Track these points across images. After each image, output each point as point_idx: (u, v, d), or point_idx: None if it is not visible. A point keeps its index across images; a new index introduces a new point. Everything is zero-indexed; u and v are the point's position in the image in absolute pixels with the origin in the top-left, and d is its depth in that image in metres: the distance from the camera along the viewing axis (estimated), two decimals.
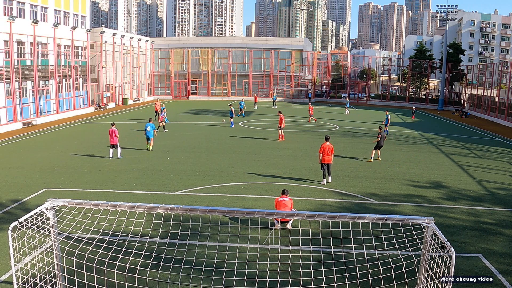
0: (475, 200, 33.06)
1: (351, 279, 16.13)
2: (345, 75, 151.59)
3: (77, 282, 14.21)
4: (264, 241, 22.05)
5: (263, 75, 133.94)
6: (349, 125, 76.95)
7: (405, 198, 32.52)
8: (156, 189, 33.06)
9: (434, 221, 13.21)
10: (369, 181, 37.26)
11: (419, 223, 13.20)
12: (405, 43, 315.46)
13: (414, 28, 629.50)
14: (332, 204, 30.52)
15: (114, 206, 13.27)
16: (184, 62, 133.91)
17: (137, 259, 16.37)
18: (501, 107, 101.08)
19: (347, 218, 13.05)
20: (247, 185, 34.61)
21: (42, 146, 51.11)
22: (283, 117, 57.62)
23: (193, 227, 18.72)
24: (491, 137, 71.21)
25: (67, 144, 52.50)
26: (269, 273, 17.21)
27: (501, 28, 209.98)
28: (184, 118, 72.50)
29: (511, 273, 20.47)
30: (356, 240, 16.03)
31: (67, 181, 34.77)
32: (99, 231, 16.16)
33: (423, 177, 39.49)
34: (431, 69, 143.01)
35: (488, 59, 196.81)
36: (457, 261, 12.55)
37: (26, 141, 54.84)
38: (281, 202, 24.59)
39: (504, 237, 25.32)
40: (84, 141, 54.67)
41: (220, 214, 13.92)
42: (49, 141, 54.79)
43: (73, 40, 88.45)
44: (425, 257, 13.37)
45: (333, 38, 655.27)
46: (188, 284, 17.42)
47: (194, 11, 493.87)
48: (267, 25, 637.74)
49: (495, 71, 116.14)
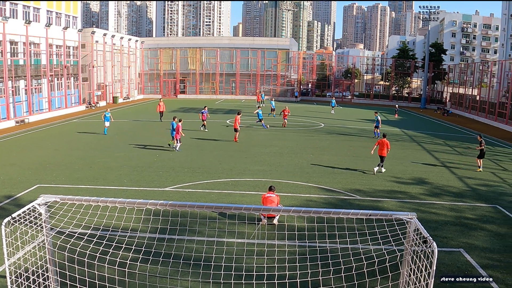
0: (456, 196, 33.15)
1: (335, 273, 16.11)
2: (330, 74, 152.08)
3: (69, 276, 14.16)
4: (251, 236, 22.02)
5: (250, 74, 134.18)
6: (334, 123, 77.06)
7: (388, 194, 32.59)
8: (146, 185, 32.97)
9: (417, 216, 13.19)
10: (353, 177, 37.33)
11: (402, 219, 13.18)
12: (388, 43, 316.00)
13: (397, 28, 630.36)
14: (318, 200, 30.54)
15: (105, 202, 13.22)
16: (173, 61, 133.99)
17: (127, 253, 16.47)
18: (482, 106, 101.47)
19: (332, 214, 13.02)
20: (234, 182, 34.58)
21: (34, 144, 50.96)
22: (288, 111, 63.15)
23: (182, 223, 18.65)
24: (472, 135, 71.27)
25: (58, 142, 52.39)
26: (256, 267, 17.20)
27: (482, 28, 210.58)
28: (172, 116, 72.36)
29: (492, 267, 20.54)
30: (341, 235, 15.99)
31: (59, 177, 34.65)
32: (90, 226, 16.08)
33: (406, 173, 39.62)
34: (413, 68, 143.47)
35: (469, 59, 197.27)
36: (439, 256, 12.59)
37: (19, 139, 54.64)
38: (267, 198, 24.58)
39: (485, 232, 25.40)
40: (76, 139, 54.53)
41: (208, 209, 13.95)
42: (41, 139, 54.62)
43: (64, 40, 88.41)
44: (408, 251, 13.36)
45: (318, 38, 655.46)
46: (177, 278, 17.38)
47: (182, 12, 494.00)
48: (254, 26, 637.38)
49: (476, 70, 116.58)
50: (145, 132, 59.98)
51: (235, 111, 66.13)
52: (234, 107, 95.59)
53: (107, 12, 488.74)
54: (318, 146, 52.12)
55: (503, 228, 26.28)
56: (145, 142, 51.20)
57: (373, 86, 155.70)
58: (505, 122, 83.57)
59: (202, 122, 60.84)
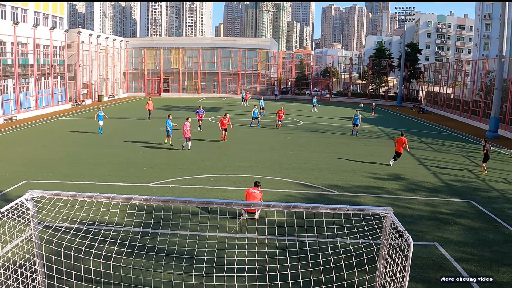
0: (431, 191, 33.32)
1: (314, 266, 16.14)
2: (308, 73, 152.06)
3: (55, 269, 14.09)
4: (232, 230, 22.03)
5: (231, 73, 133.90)
6: (313, 120, 77.07)
7: (365, 190, 32.67)
8: (131, 181, 32.92)
9: (393, 211, 13.20)
10: (331, 173, 37.36)
11: (379, 213, 13.20)
12: (365, 43, 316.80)
13: (374, 29, 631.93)
14: (297, 195, 30.61)
15: (91, 197, 13.17)
16: (156, 61, 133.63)
17: (112, 247, 16.30)
18: (456, 104, 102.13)
19: (310, 209, 13.02)
20: (216, 177, 34.56)
21: (22, 141, 50.63)
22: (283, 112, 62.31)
23: (165, 217, 18.67)
24: (446, 132, 71.72)
25: (46, 139, 52.06)
26: (237, 260, 17.19)
27: (456, 29, 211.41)
28: (157, 114, 72.23)
29: (465, 261, 20.67)
30: (319, 229, 16.03)
31: (46, 173, 34.52)
32: (76, 220, 16.03)
33: (382, 169, 39.74)
34: (390, 67, 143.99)
35: (444, 58, 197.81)
36: (415, 249, 12.61)
37: (6, 136, 54.22)
38: (251, 193, 24.52)
39: (459, 226, 25.56)
40: (62, 136, 54.27)
41: (190, 204, 14.01)
42: (29, 136, 54.27)
43: (51, 40, 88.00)
44: (385, 245, 13.36)
45: (298, 38, 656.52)
46: (160, 270, 17.43)
47: (166, 13, 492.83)
48: (235, 26, 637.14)
49: (450, 70, 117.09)
50: (130, 129, 59.74)
51: (217, 109, 66.46)
52: (216, 105, 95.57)
53: (93, 13, 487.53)
54: (297, 143, 52.14)
55: (477, 222, 26.46)
56: (130, 139, 51.06)
57: (350, 85, 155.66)
58: (479, 120, 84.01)
59: (198, 123, 59.43)
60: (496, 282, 18.73)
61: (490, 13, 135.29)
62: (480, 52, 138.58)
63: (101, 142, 49.44)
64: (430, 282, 18.47)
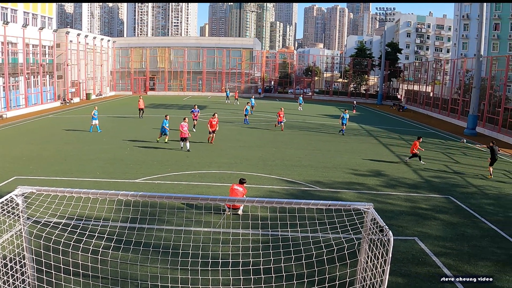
0: (411, 187, 33.49)
1: (297, 260, 16.14)
2: (291, 72, 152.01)
3: (44, 263, 14.11)
4: (217, 225, 22.02)
5: (216, 72, 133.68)
6: (295, 118, 76.99)
7: (347, 186, 32.76)
8: (118, 177, 32.87)
9: (374, 206, 13.28)
10: (313, 170, 37.44)
11: (360, 209, 13.27)
12: (346, 43, 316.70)
13: (355, 28, 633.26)
14: (280, 191, 30.63)
15: (79, 193, 13.17)
16: (143, 60, 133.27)
17: (99, 241, 16.38)
18: (435, 102, 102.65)
19: (293, 204, 13.06)
20: (201, 174, 34.52)
21: (12, 138, 50.38)
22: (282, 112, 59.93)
23: (152, 212, 18.67)
24: (426, 129, 71.96)
25: (35, 136, 51.78)
26: (222, 254, 17.27)
27: (435, 29, 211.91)
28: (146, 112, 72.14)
29: (444, 255, 20.79)
30: (302, 224, 16.14)
31: (35, 170, 34.38)
32: (64, 216, 16.06)
33: (363, 166, 39.85)
34: (370, 66, 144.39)
35: (423, 57, 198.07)
36: (395, 244, 12.66)
37: None
38: (234, 190, 24.46)
39: (438, 221, 25.69)
40: (51, 133, 53.90)
41: (176, 200, 13.92)
42: (18, 133, 53.99)
43: (40, 39, 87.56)
44: (365, 240, 13.42)
45: (281, 38, 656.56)
46: (147, 264, 17.45)
47: (152, 13, 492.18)
48: (219, 26, 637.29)
49: (429, 69, 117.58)
50: (118, 127, 59.44)
51: (202, 107, 66.17)
52: (201, 104, 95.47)
53: (81, 13, 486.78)
54: (280, 140, 52.12)
55: (455, 217, 26.61)
56: (118, 136, 50.96)
57: (332, 83, 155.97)
58: (457, 117, 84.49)
59: (193, 122, 58.04)
60: (475, 276, 18.85)
61: (469, 14, 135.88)
62: (459, 51, 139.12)
63: (90, 139, 49.19)
64: (410, 276, 18.58)
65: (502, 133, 65.12)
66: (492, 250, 21.86)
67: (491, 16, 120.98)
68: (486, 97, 74.37)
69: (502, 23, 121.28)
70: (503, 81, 73.30)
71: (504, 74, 74.11)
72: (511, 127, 64.73)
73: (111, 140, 49.05)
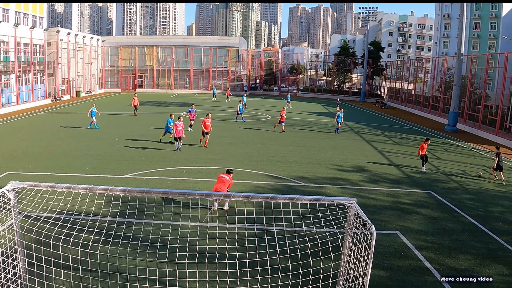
0: (393, 182, 33.60)
1: (282, 254, 16.19)
2: (276, 70, 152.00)
3: (35, 256, 14.13)
4: (204, 220, 22.05)
5: (203, 70, 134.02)
6: None
7: (330, 181, 32.84)
8: (107, 173, 32.79)
9: (357, 201, 13.32)
10: (298, 165, 37.52)
11: (343, 203, 13.30)
12: (330, 42, 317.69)
13: (338, 28, 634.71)
14: (265, 186, 30.69)
15: (69, 188, 13.20)
16: (131, 58, 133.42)
17: (89, 235, 16.50)
18: (417, 99, 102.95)
19: (278, 199, 13.08)
20: (188, 169, 34.55)
21: (3, 134, 50.10)
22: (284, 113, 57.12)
23: (140, 207, 18.67)
24: (407, 126, 72.19)
25: (26, 133, 51.54)
26: (208, 248, 17.34)
27: (417, 28, 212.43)
28: (131, 109, 71.91)
29: (425, 248, 20.89)
30: (287, 218, 16.12)
31: (26, 165, 34.26)
32: (55, 210, 16.00)
33: (347, 162, 39.93)
34: (354, 64, 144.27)
35: (405, 56, 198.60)
36: (377, 238, 12.67)
37: None
38: (221, 177, 24.37)
39: (420, 216, 25.80)
40: (42, 130, 53.71)
41: (164, 195, 13.96)
42: (10, 130, 53.77)
43: (31, 38, 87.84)
44: (349, 234, 13.48)
45: (266, 37, 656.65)
46: (135, 258, 17.47)
47: (140, 12, 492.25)
48: (206, 25, 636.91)
49: (411, 67, 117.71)
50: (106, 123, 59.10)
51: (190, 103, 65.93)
52: (189, 101, 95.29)
53: (71, 13, 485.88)
54: (265, 137, 52.16)
55: (436, 212, 26.74)
56: (107, 133, 50.83)
57: (316, 81, 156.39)
58: (438, 114, 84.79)
59: (189, 122, 55.63)
60: (456, 269, 18.99)
61: (449, 13, 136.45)
62: (440, 50, 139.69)
63: (80, 136, 49.03)
64: (392, 269, 18.69)
65: (482, 130, 65.52)
66: (472, 244, 21.99)
67: (471, 16, 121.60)
68: (466, 95, 74.67)
69: (482, 22, 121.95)
70: (483, 79, 73.63)
71: (484, 72, 74.54)
72: (490, 124, 65.17)
73: (100, 137, 48.82)
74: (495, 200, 30.53)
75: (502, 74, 65.28)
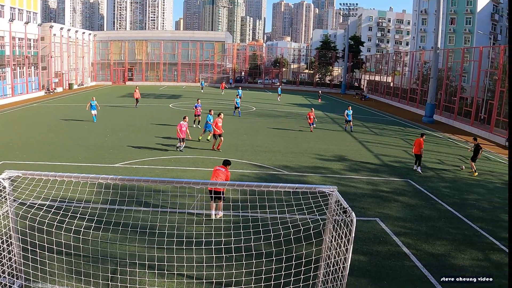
0: (373, 171, 33.71)
1: (266, 239, 16.23)
2: (260, 64, 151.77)
3: (30, 242, 14.08)
4: (191, 207, 22.02)
5: (190, 63, 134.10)
6: (264, 106, 77.11)
7: (313, 170, 32.89)
8: (98, 162, 32.68)
9: (338, 189, 13.34)
10: (281, 155, 37.55)
11: (325, 191, 13.31)
12: (312, 36, 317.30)
13: (320, 23, 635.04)
14: (250, 174, 30.74)
15: (62, 176, 13.18)
16: (122, 52, 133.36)
17: (81, 222, 16.55)
18: (395, 91, 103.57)
19: (262, 187, 13.09)
20: (176, 159, 34.52)
21: None
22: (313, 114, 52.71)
23: (130, 195, 18.60)
24: (386, 117, 72.44)
25: (21, 124, 51.32)
26: (195, 234, 17.26)
27: (395, 23, 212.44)
28: (122, 101, 71.74)
29: (404, 235, 20.99)
30: (270, 206, 16.12)
31: (21, 155, 34.09)
32: (49, 198, 15.92)
33: (328, 151, 39.96)
34: (335, 58, 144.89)
35: (384, 50, 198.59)
36: (358, 224, 12.70)
37: None
38: (216, 170, 23.48)
39: (398, 203, 25.89)
40: (36, 121, 53.47)
41: (153, 183, 14.06)
42: (5, 121, 53.40)
43: (26, 33, 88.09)
44: (330, 220, 13.50)
45: (251, 31, 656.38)
46: (126, 243, 17.46)
47: (130, 8, 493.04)
48: (193, 21, 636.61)
49: (390, 60, 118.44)
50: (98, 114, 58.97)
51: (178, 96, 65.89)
52: (177, 93, 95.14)
53: (64, 8, 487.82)
54: (251, 127, 52.21)
55: (414, 199, 26.88)
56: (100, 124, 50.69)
57: (299, 74, 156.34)
58: (416, 106, 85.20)
59: (195, 118, 52.30)
60: (432, 254, 19.08)
61: (427, 9, 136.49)
62: (417, 44, 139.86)
63: (72, 127, 48.92)
64: (371, 254, 18.76)
65: (457, 121, 65.98)
66: (448, 230, 22.11)
67: (448, 11, 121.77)
68: (443, 87, 74.94)
69: (458, 18, 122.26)
70: (458, 72, 74.08)
71: (459, 65, 74.92)
72: (466, 115, 65.52)
73: (92, 127, 48.87)
74: (470, 188, 30.79)
75: (477, 67, 65.65)
